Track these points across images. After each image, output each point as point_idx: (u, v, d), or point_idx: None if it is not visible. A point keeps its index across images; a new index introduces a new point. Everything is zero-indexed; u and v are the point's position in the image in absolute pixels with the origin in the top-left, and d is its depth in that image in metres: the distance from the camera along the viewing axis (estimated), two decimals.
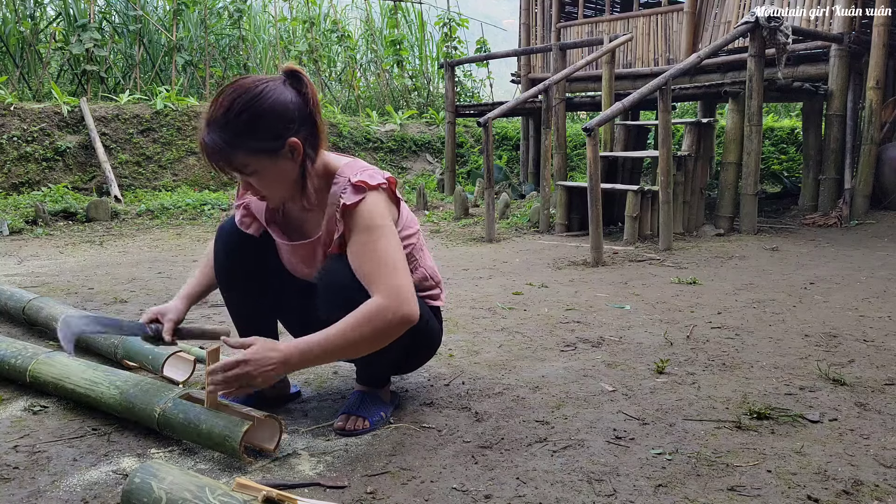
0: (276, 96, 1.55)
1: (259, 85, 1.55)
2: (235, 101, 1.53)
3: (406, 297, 1.57)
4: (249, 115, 1.53)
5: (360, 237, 1.62)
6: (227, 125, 1.53)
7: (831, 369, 2.20)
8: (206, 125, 1.55)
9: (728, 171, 5.69)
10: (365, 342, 1.56)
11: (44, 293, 3.37)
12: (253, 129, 1.53)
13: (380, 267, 1.58)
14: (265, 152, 1.56)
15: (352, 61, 11.62)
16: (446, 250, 5.09)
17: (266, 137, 1.55)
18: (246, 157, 1.55)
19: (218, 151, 1.54)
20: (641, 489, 1.45)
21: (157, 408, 1.69)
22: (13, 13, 9.41)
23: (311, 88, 1.61)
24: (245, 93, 1.54)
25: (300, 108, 1.59)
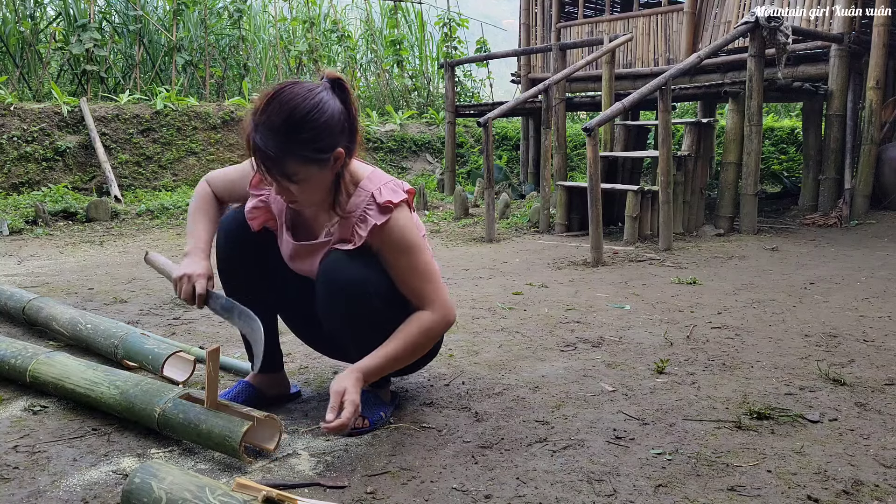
0: (332, 108, 1.57)
1: (315, 95, 1.56)
2: (295, 111, 1.53)
3: (451, 306, 1.75)
4: (309, 128, 1.54)
5: (402, 258, 1.70)
6: (285, 134, 1.53)
7: (831, 369, 2.20)
8: (261, 128, 1.54)
9: (728, 171, 5.69)
10: (421, 350, 1.74)
11: (44, 293, 3.37)
12: (310, 140, 1.55)
13: (425, 283, 1.72)
14: (315, 162, 1.58)
15: (352, 61, 11.62)
16: (446, 250, 5.09)
17: (320, 149, 1.57)
18: (297, 165, 1.56)
19: (272, 158, 1.55)
20: (641, 489, 1.45)
21: (157, 408, 1.69)
22: (13, 13, 9.41)
23: (354, 97, 1.64)
24: (302, 102, 1.54)
25: (346, 119, 1.61)
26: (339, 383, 1.61)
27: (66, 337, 2.51)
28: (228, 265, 1.86)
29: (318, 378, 2.20)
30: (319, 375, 2.23)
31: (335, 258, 1.69)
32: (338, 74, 1.63)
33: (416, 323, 1.70)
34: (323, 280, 1.70)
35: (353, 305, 1.67)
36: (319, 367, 2.30)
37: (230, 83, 10.35)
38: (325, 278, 1.69)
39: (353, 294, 1.66)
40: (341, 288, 1.66)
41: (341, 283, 1.66)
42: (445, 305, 1.73)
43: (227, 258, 1.85)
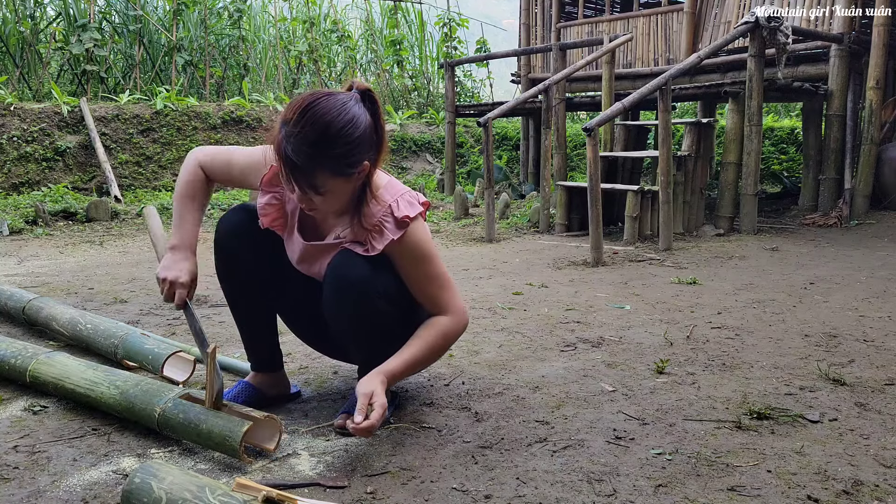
0: (364, 123, 1.57)
1: (349, 109, 1.55)
2: (331, 126, 1.52)
3: (466, 311, 1.80)
4: (343, 143, 1.53)
5: (419, 268, 1.72)
6: (319, 148, 1.52)
7: (831, 369, 2.20)
8: (293, 139, 1.51)
9: (728, 171, 5.69)
10: (440, 353, 1.78)
11: (44, 293, 3.37)
12: (343, 156, 1.54)
13: (442, 290, 1.76)
14: (343, 175, 1.58)
15: (352, 61, 11.62)
16: (446, 250, 5.09)
17: (350, 164, 1.57)
18: (325, 178, 1.56)
19: (302, 170, 1.54)
20: (641, 489, 1.45)
21: (157, 408, 1.69)
22: (13, 13, 9.41)
23: (382, 109, 1.63)
24: (337, 117, 1.53)
25: (373, 131, 1.61)
26: (367, 386, 1.60)
27: (66, 337, 2.51)
28: (229, 265, 1.85)
29: (319, 378, 2.20)
30: (319, 375, 2.23)
31: (344, 258, 1.69)
32: (368, 86, 1.62)
33: (436, 328, 1.73)
34: (331, 279, 1.70)
35: (359, 305, 1.67)
36: (319, 367, 2.30)
37: (230, 83, 10.35)
38: (333, 277, 1.69)
39: (360, 294, 1.66)
40: (349, 287, 1.66)
41: (349, 282, 1.66)
42: (461, 311, 1.78)
43: (228, 258, 1.84)
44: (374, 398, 1.57)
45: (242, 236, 1.82)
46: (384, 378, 1.64)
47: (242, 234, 1.82)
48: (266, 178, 1.77)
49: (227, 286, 1.89)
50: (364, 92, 1.61)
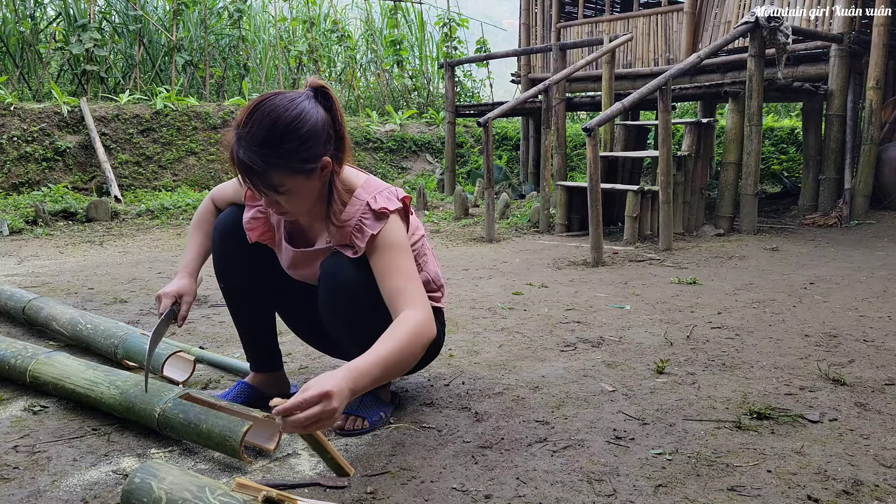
0: (314, 117, 1.55)
1: (296, 105, 1.54)
2: (277, 123, 1.51)
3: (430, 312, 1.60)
4: (292, 138, 1.52)
5: (384, 255, 1.64)
6: (268, 146, 1.51)
7: (831, 369, 2.20)
8: (243, 142, 1.52)
9: (728, 171, 5.69)
10: (410, 354, 1.51)
11: (44, 293, 3.37)
12: (294, 151, 1.52)
13: (409, 281, 1.62)
14: (302, 172, 1.56)
15: (352, 61, 11.62)
16: (446, 250, 5.09)
17: (305, 159, 1.55)
18: (282, 177, 1.54)
19: (256, 171, 1.53)
20: (641, 489, 1.45)
21: (157, 408, 1.69)
22: (13, 13, 9.41)
23: (338, 105, 1.61)
24: (284, 113, 1.52)
25: (331, 126, 1.59)
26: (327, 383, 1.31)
27: (66, 337, 2.50)
28: (225, 264, 1.86)
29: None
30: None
31: (336, 259, 1.68)
32: (321, 82, 1.60)
33: (405, 322, 1.53)
34: (325, 280, 1.70)
35: (353, 305, 1.67)
36: (320, 368, 2.30)
37: (230, 83, 10.35)
38: (327, 278, 1.69)
39: (355, 293, 1.66)
40: (343, 287, 1.66)
41: (343, 282, 1.66)
42: (426, 307, 1.60)
43: (223, 257, 1.86)
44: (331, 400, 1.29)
45: (238, 236, 1.82)
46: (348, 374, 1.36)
47: (238, 233, 1.82)
48: (248, 192, 1.76)
49: (224, 286, 1.90)
50: (317, 89, 1.59)
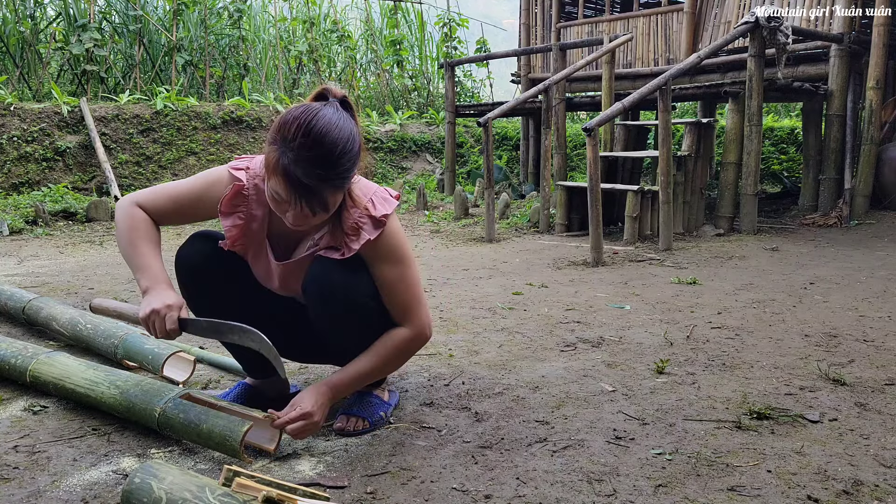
0: (357, 134, 1.56)
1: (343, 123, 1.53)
2: (336, 145, 1.49)
3: (428, 325, 1.77)
4: (347, 159, 1.52)
5: (390, 269, 1.69)
6: (329, 168, 1.49)
7: (831, 369, 2.20)
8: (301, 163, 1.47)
9: (728, 171, 5.69)
10: (394, 366, 1.77)
11: (44, 293, 3.37)
12: (348, 171, 1.54)
13: (409, 298, 1.72)
14: (343, 188, 1.58)
15: (352, 61, 11.62)
16: (446, 250, 5.09)
17: (350, 177, 1.57)
18: (332, 194, 1.54)
19: (313, 191, 1.49)
20: (641, 489, 1.45)
21: (157, 408, 1.69)
22: (13, 13, 9.41)
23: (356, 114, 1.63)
24: (339, 134, 1.51)
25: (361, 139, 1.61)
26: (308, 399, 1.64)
27: (66, 337, 2.51)
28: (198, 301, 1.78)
29: (318, 378, 2.20)
30: (320, 376, 2.23)
31: (322, 266, 1.66)
32: (342, 92, 1.62)
33: (391, 340, 1.72)
34: (314, 286, 1.67)
35: (348, 309, 1.66)
36: (319, 368, 2.30)
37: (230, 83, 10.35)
38: (315, 283, 1.66)
39: (345, 295, 1.64)
40: (334, 293, 1.64)
41: (333, 287, 1.64)
42: (423, 323, 1.75)
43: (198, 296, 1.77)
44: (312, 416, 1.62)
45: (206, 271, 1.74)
46: (328, 390, 1.67)
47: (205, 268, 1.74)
48: (226, 199, 1.69)
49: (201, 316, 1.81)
50: (343, 100, 1.60)
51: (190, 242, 1.78)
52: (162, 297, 1.61)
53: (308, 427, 1.61)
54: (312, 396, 1.64)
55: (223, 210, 1.71)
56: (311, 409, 1.61)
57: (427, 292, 3.53)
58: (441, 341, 2.60)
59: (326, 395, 1.66)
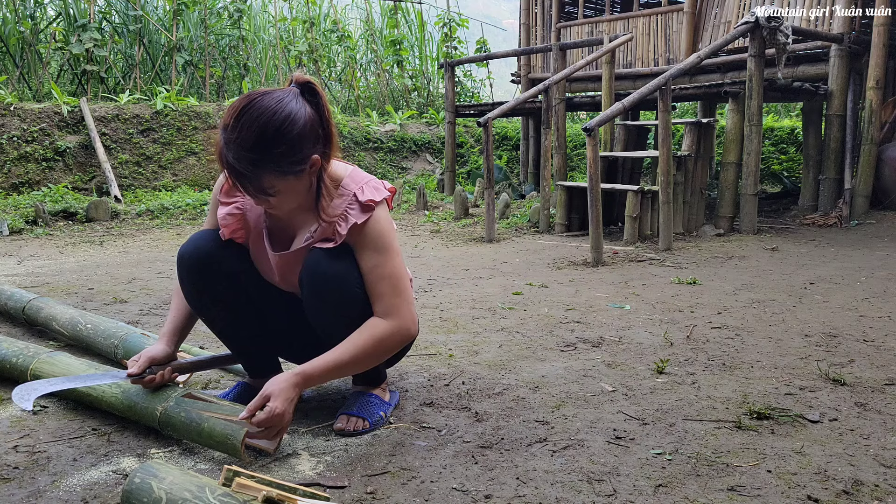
0: (303, 118, 1.54)
1: (285, 106, 1.52)
2: (267, 127, 1.50)
3: (411, 320, 1.70)
4: (282, 142, 1.51)
5: (374, 257, 1.67)
6: (258, 151, 1.50)
7: (831, 369, 2.20)
8: (232, 146, 1.51)
9: (728, 171, 5.69)
10: (372, 359, 1.68)
11: (44, 293, 3.37)
12: (285, 154, 1.52)
13: (391, 290, 1.67)
14: (292, 174, 1.56)
15: (352, 61, 11.62)
16: (446, 250, 5.09)
17: (296, 161, 1.55)
18: (273, 180, 1.54)
19: (247, 175, 1.52)
20: (641, 489, 1.45)
21: (158, 406, 1.69)
22: (13, 13, 9.41)
23: (325, 100, 1.60)
24: (273, 116, 1.51)
25: (318, 124, 1.58)
26: (268, 387, 1.57)
27: (66, 337, 2.51)
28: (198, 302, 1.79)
29: None
30: None
31: (317, 257, 1.66)
32: (307, 78, 1.59)
33: (368, 331, 1.65)
34: (308, 277, 1.67)
35: (341, 300, 1.65)
36: None
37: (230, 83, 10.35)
38: (310, 274, 1.66)
39: (339, 285, 1.64)
40: (327, 283, 1.64)
41: (327, 277, 1.64)
42: (405, 318, 1.68)
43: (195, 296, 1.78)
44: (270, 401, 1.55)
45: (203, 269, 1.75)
46: (298, 380, 1.59)
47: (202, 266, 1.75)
48: (224, 188, 1.75)
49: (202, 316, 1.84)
50: (304, 85, 1.58)
51: (190, 241, 1.79)
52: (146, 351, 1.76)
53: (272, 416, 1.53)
54: (282, 392, 1.56)
55: (221, 200, 1.77)
56: (279, 409, 1.54)
57: (427, 292, 3.53)
58: (441, 341, 2.60)
59: (297, 388, 1.59)
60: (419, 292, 3.51)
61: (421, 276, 3.96)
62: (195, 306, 1.80)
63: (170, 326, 1.83)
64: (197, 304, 1.80)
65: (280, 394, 1.56)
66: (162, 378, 1.74)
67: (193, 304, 1.80)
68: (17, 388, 1.70)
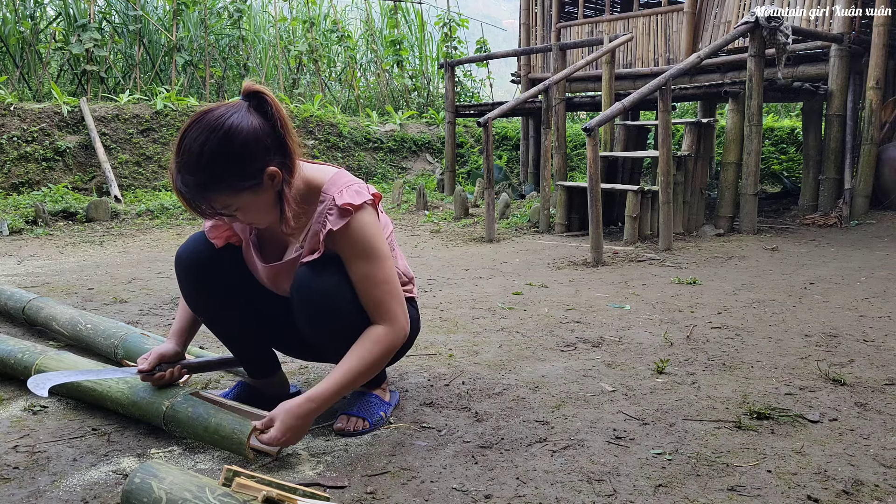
0: (247, 130, 1.47)
1: (225, 120, 1.47)
2: (207, 145, 1.45)
3: (405, 321, 1.68)
4: (224, 158, 1.45)
5: (362, 266, 1.63)
6: (202, 171, 1.46)
7: (831, 369, 2.20)
8: (178, 170, 1.48)
9: (728, 171, 5.69)
10: (377, 368, 1.66)
11: (44, 293, 3.37)
12: (228, 173, 1.47)
13: (383, 294, 1.65)
14: (246, 189, 1.50)
15: (352, 61, 11.62)
16: (446, 250, 5.09)
17: (245, 176, 1.48)
18: (227, 198, 1.50)
19: (197, 198, 1.49)
20: (641, 489, 1.45)
21: (165, 402, 1.70)
22: (13, 13, 9.41)
23: (277, 107, 1.52)
24: (213, 133, 1.45)
25: (270, 134, 1.51)
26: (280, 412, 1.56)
27: (66, 337, 2.51)
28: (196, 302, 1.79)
29: (318, 378, 2.20)
30: (319, 375, 2.23)
31: (306, 273, 1.64)
32: (256, 87, 1.53)
33: (370, 342, 1.62)
34: (297, 297, 1.65)
35: (328, 313, 1.63)
36: (319, 367, 2.30)
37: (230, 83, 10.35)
38: (297, 293, 1.65)
39: (327, 302, 1.62)
40: (312, 299, 1.62)
41: (313, 293, 1.62)
42: (401, 321, 1.66)
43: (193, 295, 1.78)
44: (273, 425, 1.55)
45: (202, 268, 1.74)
46: (313, 406, 1.57)
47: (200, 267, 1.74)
48: None
49: (200, 316, 1.84)
50: (251, 95, 1.52)
51: (187, 242, 1.80)
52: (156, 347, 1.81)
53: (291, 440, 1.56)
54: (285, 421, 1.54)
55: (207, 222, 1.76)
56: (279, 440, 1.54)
57: (427, 292, 3.53)
58: (441, 341, 2.60)
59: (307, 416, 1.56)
60: (419, 292, 3.51)
61: (421, 276, 3.96)
62: (194, 307, 1.80)
63: (178, 326, 1.85)
64: (195, 304, 1.80)
65: (283, 423, 1.54)
66: (171, 376, 1.76)
67: (192, 304, 1.80)
68: (33, 378, 1.76)
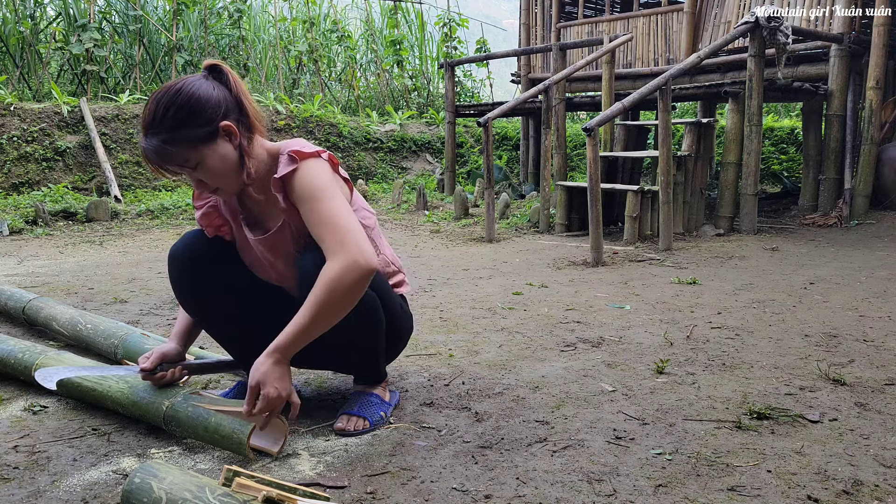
0: (199, 88, 1.59)
1: (178, 82, 1.60)
2: (160, 102, 1.57)
3: (359, 250, 1.55)
4: (176, 109, 1.56)
5: (307, 205, 1.62)
6: (159, 126, 1.57)
7: (831, 369, 2.20)
8: (143, 135, 1.59)
9: (728, 171, 5.69)
10: (337, 307, 1.55)
11: (44, 293, 3.37)
12: (182, 120, 1.56)
13: (329, 227, 1.58)
14: (201, 140, 1.58)
15: (352, 61, 11.62)
16: (446, 250, 5.09)
17: (197, 125, 1.57)
18: (185, 150, 1.58)
19: (157, 152, 1.57)
20: (641, 489, 1.45)
21: (165, 401, 1.70)
22: (13, 13, 9.41)
23: (234, 77, 1.65)
24: (166, 92, 1.58)
25: (225, 95, 1.63)
26: (255, 376, 1.56)
27: (66, 337, 2.51)
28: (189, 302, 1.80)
29: (318, 377, 2.21)
30: (319, 375, 2.23)
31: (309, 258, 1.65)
32: (214, 61, 1.66)
33: (320, 280, 1.55)
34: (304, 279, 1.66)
35: None
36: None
37: None
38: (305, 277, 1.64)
39: None
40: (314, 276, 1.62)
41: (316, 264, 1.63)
42: (350, 250, 1.54)
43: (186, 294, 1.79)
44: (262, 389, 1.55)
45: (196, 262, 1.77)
46: (278, 356, 1.56)
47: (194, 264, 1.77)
48: (195, 193, 1.81)
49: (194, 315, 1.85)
50: (210, 67, 1.65)
51: (180, 240, 1.82)
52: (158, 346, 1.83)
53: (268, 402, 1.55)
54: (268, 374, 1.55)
55: (195, 205, 1.85)
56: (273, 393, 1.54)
57: (427, 292, 3.53)
58: (441, 341, 2.60)
59: (280, 364, 1.56)
60: (419, 292, 3.51)
61: (421, 276, 3.96)
62: (187, 305, 1.81)
63: (179, 327, 1.86)
64: (189, 302, 1.81)
65: (267, 378, 1.55)
66: (172, 375, 1.77)
67: (186, 302, 1.81)
68: (41, 370, 1.81)
